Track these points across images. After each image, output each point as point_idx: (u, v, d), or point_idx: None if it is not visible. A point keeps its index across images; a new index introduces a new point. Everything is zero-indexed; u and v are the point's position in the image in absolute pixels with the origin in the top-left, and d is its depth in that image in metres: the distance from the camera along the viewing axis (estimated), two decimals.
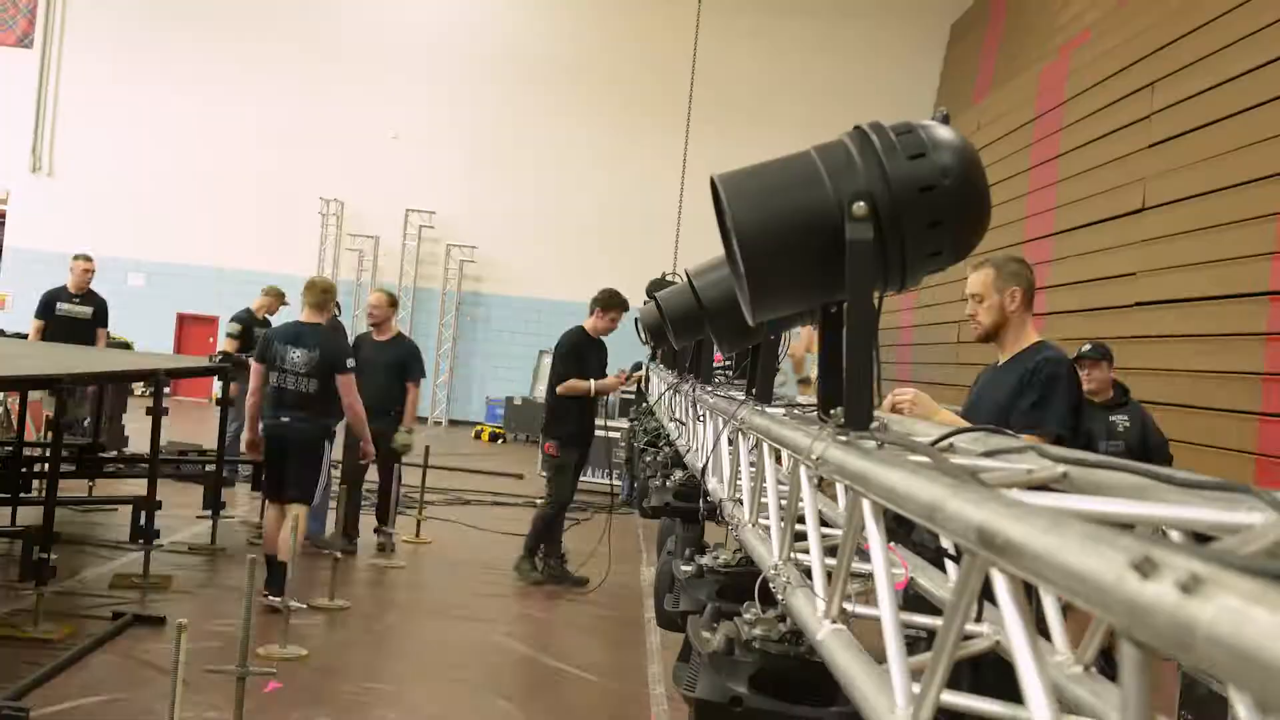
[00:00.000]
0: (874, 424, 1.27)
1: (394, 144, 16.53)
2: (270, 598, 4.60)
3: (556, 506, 6.00)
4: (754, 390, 2.18)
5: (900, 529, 1.35)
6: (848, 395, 1.27)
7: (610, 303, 6.06)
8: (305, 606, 4.52)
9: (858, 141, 1.30)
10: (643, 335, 3.96)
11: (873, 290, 1.27)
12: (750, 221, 1.29)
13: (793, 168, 1.32)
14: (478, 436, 15.12)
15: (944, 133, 1.30)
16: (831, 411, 1.30)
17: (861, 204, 1.25)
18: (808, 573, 1.50)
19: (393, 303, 6.57)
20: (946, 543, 1.37)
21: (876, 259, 1.26)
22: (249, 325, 7.79)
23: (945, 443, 1.31)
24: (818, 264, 1.29)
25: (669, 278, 6.43)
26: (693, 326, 2.55)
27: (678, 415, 3.82)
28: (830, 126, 1.56)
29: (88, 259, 7.72)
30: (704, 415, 2.89)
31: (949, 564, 1.55)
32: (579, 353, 6.07)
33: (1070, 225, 8.52)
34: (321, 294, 5.31)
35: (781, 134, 1.50)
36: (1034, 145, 9.66)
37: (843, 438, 1.25)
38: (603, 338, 6.17)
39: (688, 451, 3.30)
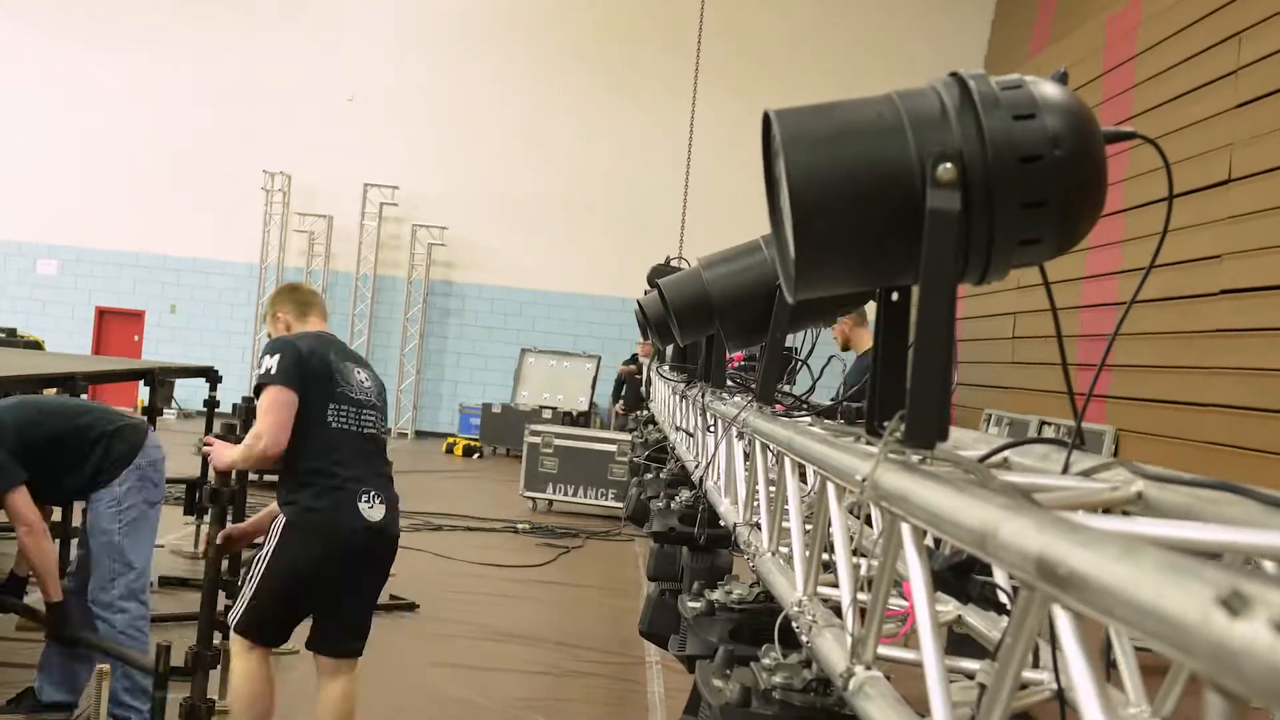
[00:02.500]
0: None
1: (349, 108, 16.53)
2: None
3: None
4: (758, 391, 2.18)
5: (955, 581, 1.31)
6: (912, 405, 1.21)
7: None
8: None
9: (953, 91, 1.24)
10: (647, 331, 3.96)
11: (952, 275, 1.22)
12: (808, 170, 1.23)
13: (867, 111, 1.26)
14: (449, 450, 15.12)
15: (1058, 94, 1.25)
16: (887, 423, 1.24)
17: (949, 166, 1.19)
18: (837, 610, 1.50)
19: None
20: (1001, 576, 1.36)
21: (960, 239, 1.21)
22: None
23: (998, 457, 1.31)
24: (884, 235, 1.24)
25: (674, 263, 6.43)
26: (702, 319, 2.56)
27: (684, 424, 3.82)
28: (861, 86, 1.55)
29: None
30: (714, 424, 2.88)
31: (1003, 600, 1.55)
32: None
33: (1143, 200, 8.51)
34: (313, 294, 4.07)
35: (804, 96, 1.50)
36: (1101, 106, 9.66)
37: (898, 456, 1.21)
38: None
39: (696, 467, 3.30)
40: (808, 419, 2.00)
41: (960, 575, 1.22)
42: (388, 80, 16.53)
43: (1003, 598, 1.35)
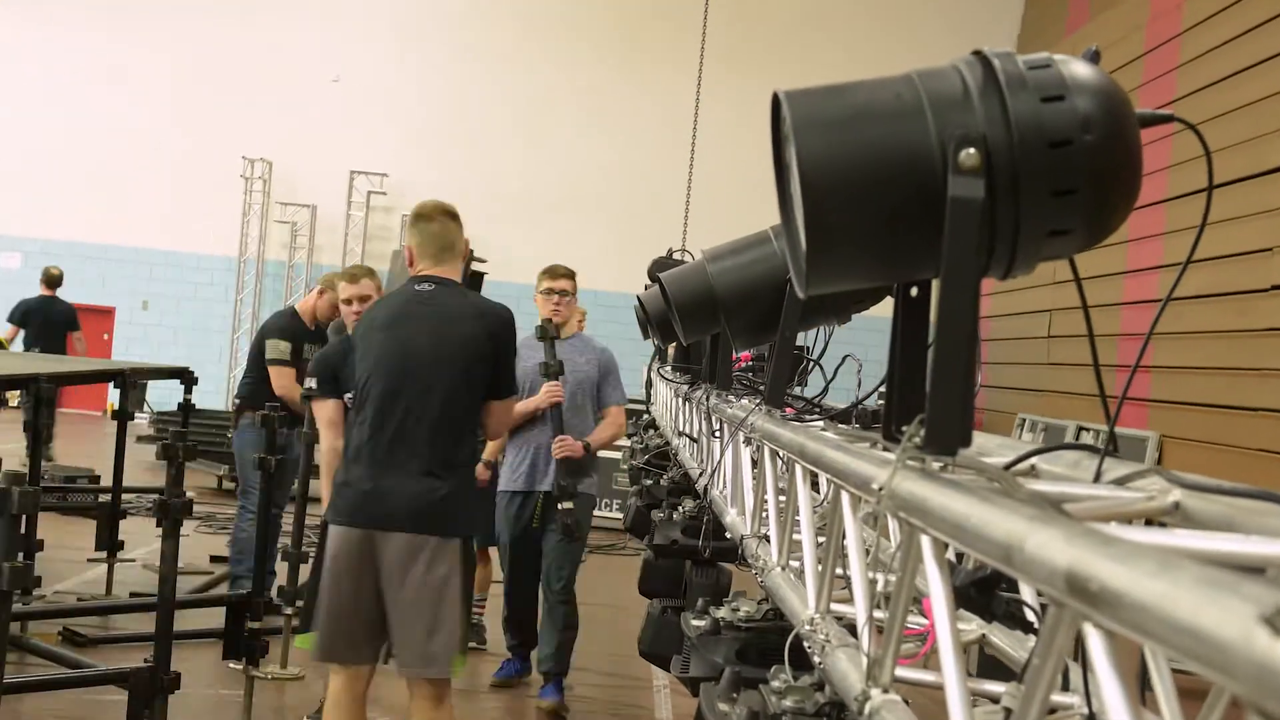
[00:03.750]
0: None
1: (334, 90, 16.57)
2: None
3: None
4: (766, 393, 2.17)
5: (979, 596, 1.30)
6: (932, 408, 1.21)
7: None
8: None
9: (976, 71, 1.24)
10: (649, 329, 3.97)
11: (976, 269, 1.21)
12: (820, 156, 1.23)
13: (885, 92, 1.26)
14: None
15: (1090, 74, 1.24)
16: (905, 428, 1.23)
17: (972, 151, 1.18)
18: (851, 628, 1.49)
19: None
20: (1028, 593, 1.35)
21: (983, 229, 1.20)
22: (299, 339, 6.21)
23: (1024, 464, 1.30)
24: (902, 225, 1.24)
25: (677, 256, 6.43)
26: (707, 316, 2.55)
27: (687, 429, 3.82)
28: (880, 67, 1.54)
29: None
30: (720, 429, 2.88)
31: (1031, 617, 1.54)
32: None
33: (1189, 189, 8.50)
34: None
35: (817, 77, 1.50)
36: (1143, 87, 9.65)
37: (916, 463, 1.20)
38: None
39: (700, 474, 3.30)
40: (820, 423, 1.99)
41: (985, 590, 1.22)
42: (376, 60, 16.57)
43: (1030, 615, 1.34)
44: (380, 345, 3.44)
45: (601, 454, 5.82)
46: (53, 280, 10.62)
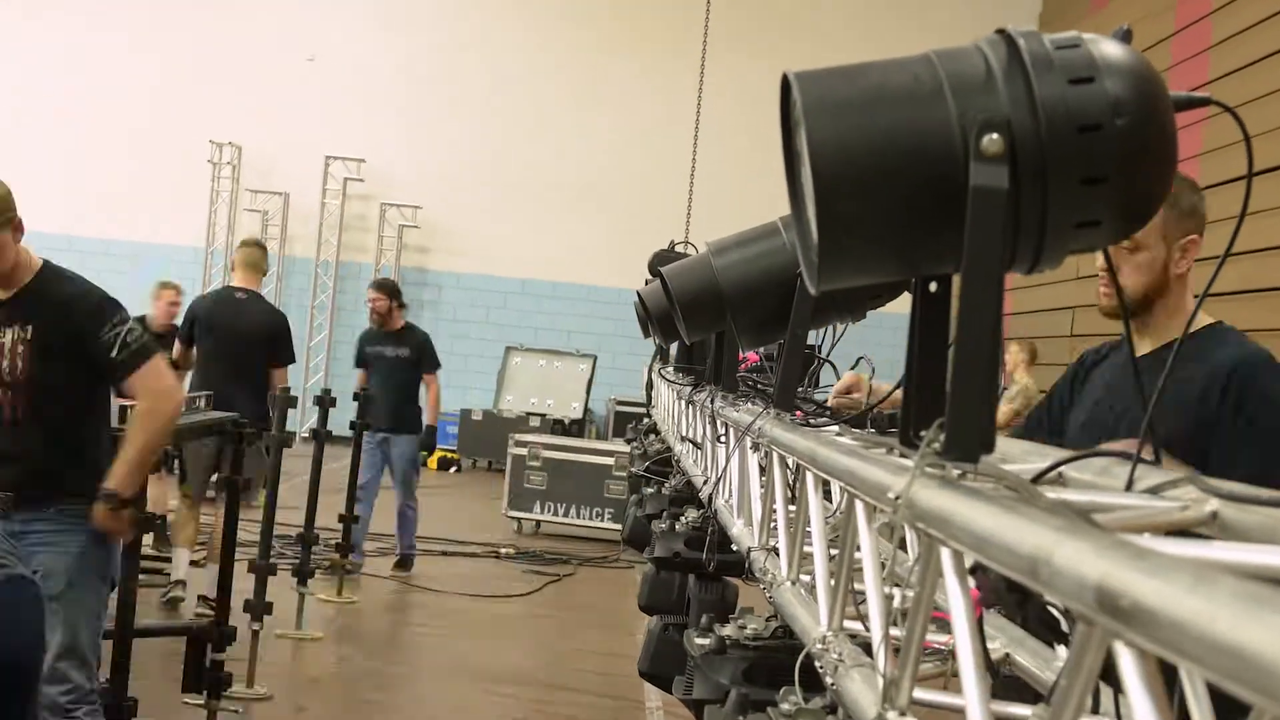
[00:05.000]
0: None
1: (310, 70, 16.56)
2: None
3: None
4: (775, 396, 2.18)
5: (1011, 596, 1.31)
6: (953, 411, 1.21)
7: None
8: None
9: (999, 51, 1.23)
10: (649, 327, 3.98)
11: (999, 263, 1.21)
12: (833, 142, 1.22)
13: (902, 74, 1.25)
14: (423, 463, 15.12)
15: (1121, 54, 1.24)
16: (923, 433, 1.22)
17: (995, 137, 1.17)
18: (866, 647, 1.50)
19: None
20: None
21: (1007, 220, 1.20)
22: None
23: (1053, 473, 1.31)
24: (920, 217, 1.24)
25: (679, 249, 6.45)
26: (711, 313, 2.56)
27: (690, 433, 3.83)
28: (896, 48, 1.55)
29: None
30: (725, 433, 2.89)
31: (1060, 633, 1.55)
32: None
33: (1224, 177, 8.49)
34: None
35: (830, 59, 1.50)
36: (1174, 68, 9.67)
37: (936, 470, 1.20)
38: None
39: (704, 482, 3.31)
40: (834, 428, 2.00)
41: (1018, 589, 1.21)
42: (354, 38, 16.55)
43: (1067, 625, 1.35)
44: None
45: (591, 459, 5.90)
46: None
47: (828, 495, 1.94)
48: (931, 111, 1.22)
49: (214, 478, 6.05)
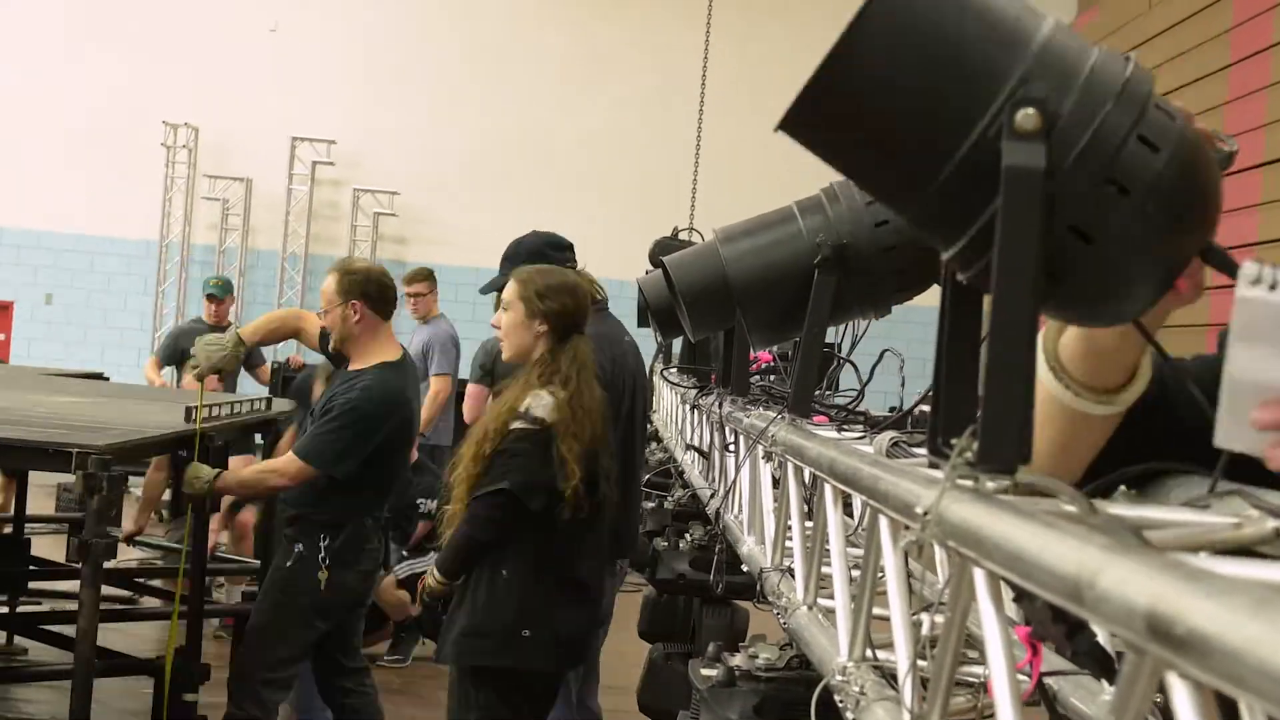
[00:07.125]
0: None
1: (273, 41, 16.59)
2: None
3: None
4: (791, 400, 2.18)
5: (1058, 626, 1.30)
6: (987, 417, 1.21)
7: None
8: None
9: (1092, 54, 1.24)
10: (649, 321, 3.99)
11: (1036, 250, 1.21)
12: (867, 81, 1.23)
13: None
14: None
15: (1198, 159, 1.23)
16: (954, 441, 1.23)
17: (1031, 111, 1.20)
18: (891, 678, 1.50)
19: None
20: (1105, 638, 1.36)
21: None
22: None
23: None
24: (947, 186, 1.24)
25: (683, 236, 6.46)
26: (719, 308, 2.56)
27: (696, 441, 3.83)
28: None
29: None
30: (735, 441, 2.89)
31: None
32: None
33: None
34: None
35: (844, 21, 1.50)
36: (1233, 30, 9.66)
37: (968, 483, 1.20)
38: None
39: (711, 495, 3.32)
40: (855, 434, 2.00)
41: (1064, 617, 1.20)
42: (321, 5, 16.57)
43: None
44: None
45: None
46: None
47: (848, 510, 1.94)
48: (989, 70, 1.23)
49: None
